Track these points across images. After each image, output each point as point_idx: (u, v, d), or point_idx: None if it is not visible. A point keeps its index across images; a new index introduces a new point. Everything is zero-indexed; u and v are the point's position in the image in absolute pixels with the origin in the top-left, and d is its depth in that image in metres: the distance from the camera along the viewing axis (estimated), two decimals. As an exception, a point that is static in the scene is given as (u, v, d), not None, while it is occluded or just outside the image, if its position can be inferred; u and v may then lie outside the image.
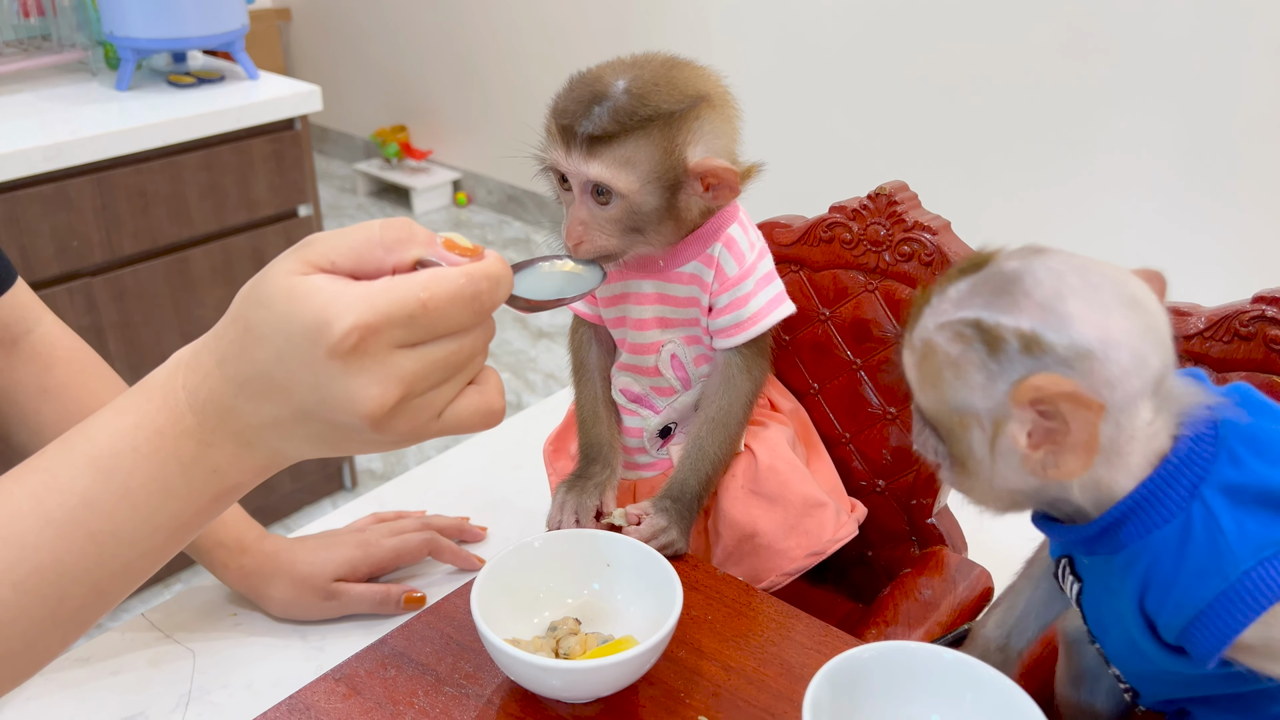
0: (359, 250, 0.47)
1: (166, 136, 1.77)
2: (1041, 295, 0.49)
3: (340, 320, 0.45)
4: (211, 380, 0.49)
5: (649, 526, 0.73)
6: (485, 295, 0.47)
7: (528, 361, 2.72)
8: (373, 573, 0.92)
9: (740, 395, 0.77)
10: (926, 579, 0.79)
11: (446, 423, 0.50)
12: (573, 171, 0.70)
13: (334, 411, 0.47)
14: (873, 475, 0.85)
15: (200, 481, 0.50)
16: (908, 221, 0.80)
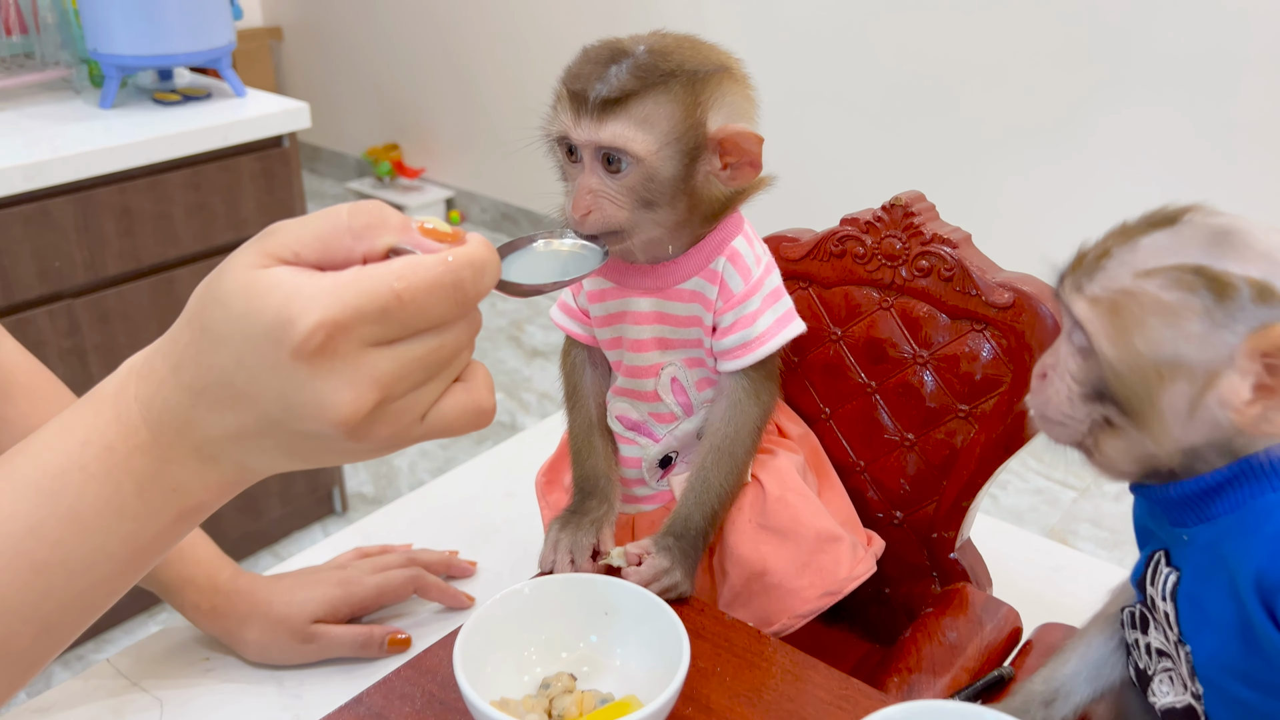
0: (325, 239, 0.41)
1: (150, 154, 1.71)
2: (1263, 247, 0.47)
3: (304, 317, 0.39)
4: (166, 389, 0.43)
5: (650, 568, 0.66)
6: (468, 284, 0.41)
7: (522, 381, 2.64)
8: (354, 613, 0.86)
9: (747, 422, 0.70)
10: (950, 619, 0.72)
11: (432, 425, 0.43)
12: (584, 139, 0.63)
13: (303, 420, 0.41)
14: (890, 506, 0.78)
15: (158, 502, 0.44)
16: (926, 234, 0.73)
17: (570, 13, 3.12)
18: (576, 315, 0.74)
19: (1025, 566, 0.95)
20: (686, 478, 0.71)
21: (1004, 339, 0.72)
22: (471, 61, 3.47)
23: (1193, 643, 0.52)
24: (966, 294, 0.72)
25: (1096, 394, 0.51)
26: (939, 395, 0.75)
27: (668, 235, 0.67)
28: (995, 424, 0.73)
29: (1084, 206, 2.30)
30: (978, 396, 0.73)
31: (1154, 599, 0.55)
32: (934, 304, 0.74)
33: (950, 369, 0.74)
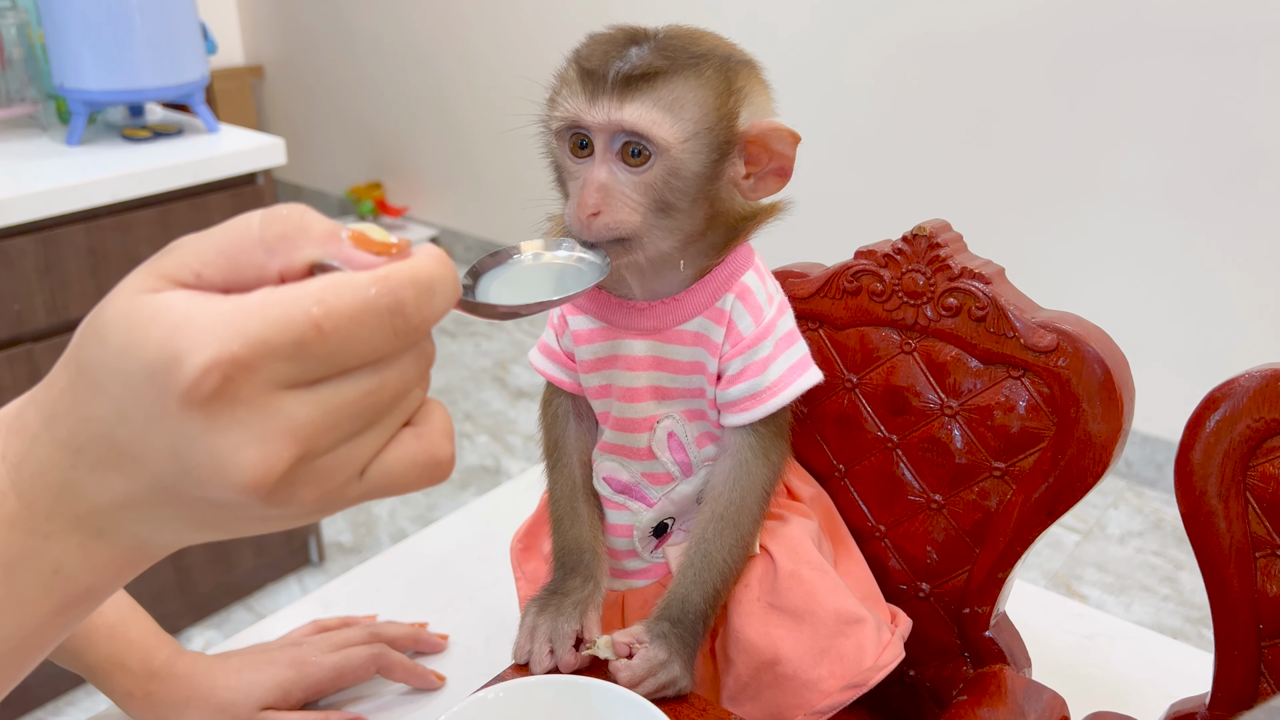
0: (231, 254, 0.32)
1: (117, 192, 1.62)
2: None
3: (195, 354, 0.30)
4: (40, 446, 0.33)
5: (644, 661, 0.55)
6: (410, 308, 0.32)
7: (507, 423, 2.53)
8: (309, 696, 0.76)
9: (754, 486, 0.59)
10: (989, 711, 0.61)
11: (373, 483, 0.34)
12: (600, 121, 0.53)
13: (203, 485, 0.31)
14: (914, 578, 0.68)
15: (34, 588, 0.34)
16: (954, 268, 0.63)
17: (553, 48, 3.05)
18: (560, 359, 0.63)
19: (1056, 634, 0.85)
20: (684, 550, 0.60)
21: (1045, 387, 0.62)
22: (455, 100, 3.40)
23: None
24: (1002, 336, 0.62)
25: None
26: (970, 451, 0.64)
27: (677, 252, 0.57)
28: (1035, 484, 0.62)
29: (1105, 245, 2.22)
30: (1015, 453, 0.63)
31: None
32: (963, 347, 0.64)
33: (983, 421, 0.64)
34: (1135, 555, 2.01)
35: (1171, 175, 2.08)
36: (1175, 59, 2.00)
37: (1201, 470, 0.58)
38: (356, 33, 3.59)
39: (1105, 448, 0.60)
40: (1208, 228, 2.06)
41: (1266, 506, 0.57)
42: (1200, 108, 2.00)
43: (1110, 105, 2.11)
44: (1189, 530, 0.59)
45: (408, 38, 3.45)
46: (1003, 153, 2.28)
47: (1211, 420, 0.57)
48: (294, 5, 3.72)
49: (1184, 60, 1.99)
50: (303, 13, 3.70)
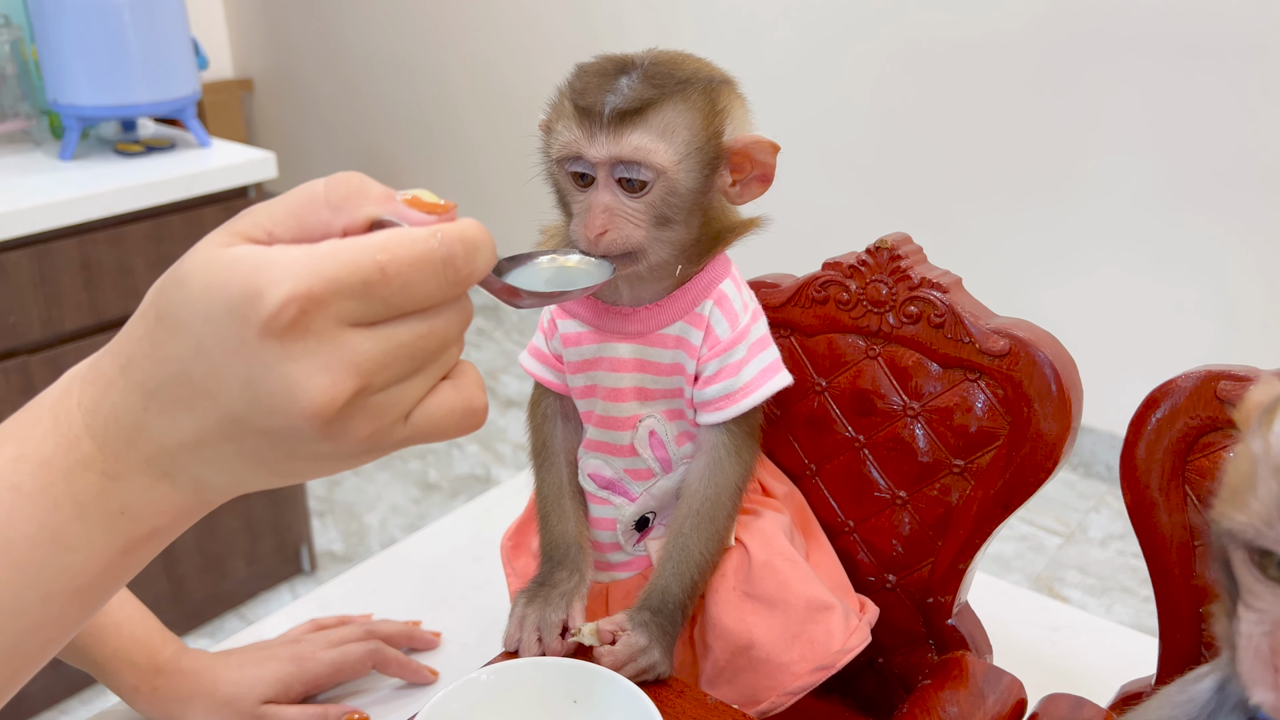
0: (300, 214, 0.36)
1: (111, 206, 1.66)
2: None
3: (275, 288, 0.33)
4: (115, 391, 0.37)
5: (626, 647, 0.60)
6: (460, 261, 0.36)
7: (497, 433, 2.57)
8: (308, 691, 0.80)
9: (728, 482, 0.64)
10: (950, 692, 0.66)
11: (417, 426, 0.38)
12: (601, 155, 0.58)
13: (271, 413, 0.35)
14: (881, 569, 0.72)
15: (103, 528, 0.37)
16: (914, 278, 0.68)
17: (540, 62, 3.10)
18: (549, 361, 0.68)
19: (1022, 628, 0.90)
20: (663, 544, 0.65)
21: (1000, 389, 0.66)
22: (445, 113, 3.44)
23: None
24: (959, 341, 0.67)
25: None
26: (932, 450, 0.69)
27: (675, 258, 0.62)
28: (993, 480, 0.67)
29: (1072, 250, 2.28)
30: (973, 450, 0.68)
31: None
32: (924, 352, 0.69)
33: (943, 421, 0.69)
34: (1116, 558, 2.06)
35: (1142, 184, 2.14)
36: (1148, 69, 2.06)
37: (1144, 465, 0.63)
38: (345, 46, 3.63)
39: (1056, 445, 0.65)
40: (1194, 233, 2.12)
41: (1203, 498, 0.62)
42: (1172, 118, 2.07)
43: (1084, 115, 2.17)
44: (1134, 522, 0.64)
45: (396, 51, 3.50)
46: (975, 163, 2.34)
47: (1153, 419, 0.62)
48: (283, 19, 3.76)
49: (1157, 70, 2.06)
50: (292, 27, 3.75)
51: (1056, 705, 0.67)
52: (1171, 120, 2.07)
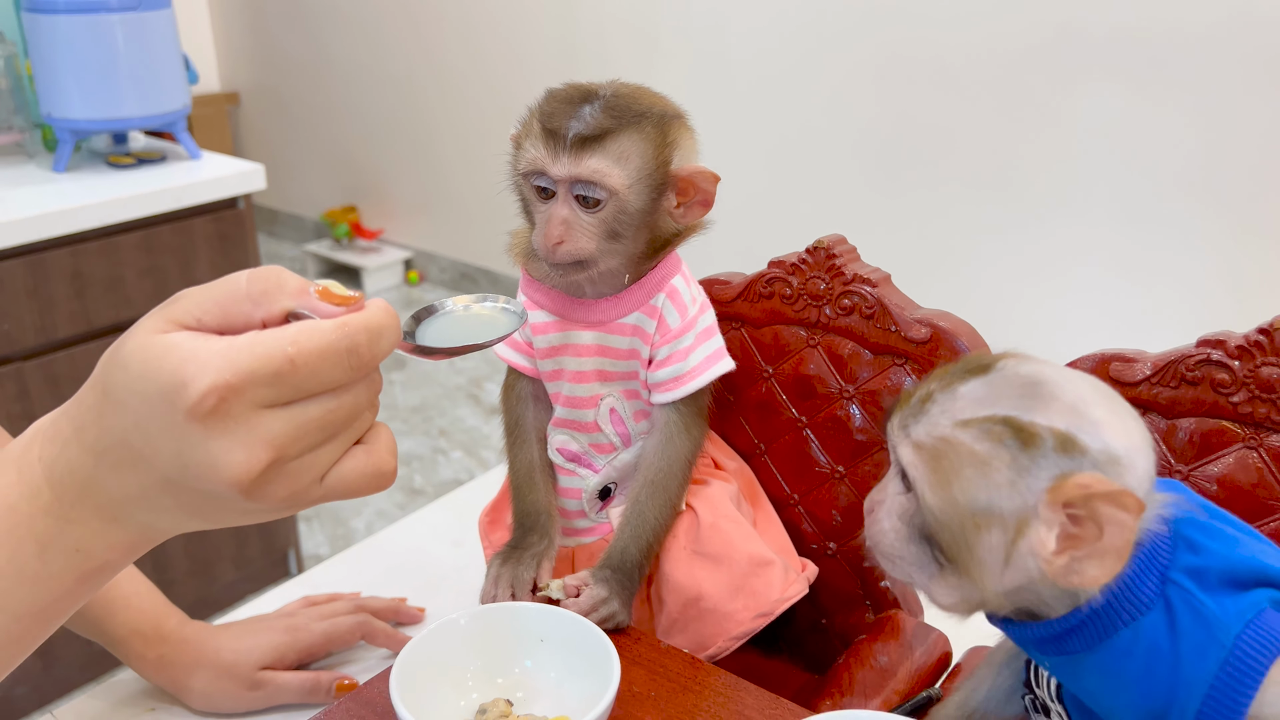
0: (224, 305, 0.43)
1: (104, 217, 1.74)
2: (1068, 399, 0.49)
3: (198, 380, 0.41)
4: (70, 450, 0.44)
5: (589, 599, 0.69)
6: (363, 348, 0.43)
7: (481, 439, 2.66)
8: (302, 659, 0.87)
9: (679, 455, 0.74)
10: (882, 645, 0.76)
11: (331, 487, 0.45)
12: (562, 174, 0.68)
13: (200, 480, 0.42)
14: (823, 538, 0.82)
15: (60, 563, 0.45)
16: (847, 275, 0.78)
17: (525, 76, 3.21)
18: (521, 348, 0.78)
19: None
20: (622, 511, 0.74)
21: (923, 372, 0.76)
22: (428, 124, 3.54)
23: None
24: (887, 330, 0.77)
25: (922, 536, 0.52)
26: (866, 428, 0.79)
27: (623, 266, 0.72)
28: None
29: (1003, 249, 2.41)
30: (901, 428, 0.77)
31: (1046, 702, 0.57)
32: (857, 341, 0.79)
33: (875, 402, 0.78)
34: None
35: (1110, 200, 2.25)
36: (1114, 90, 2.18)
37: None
38: (331, 60, 3.73)
39: (973, 422, 0.75)
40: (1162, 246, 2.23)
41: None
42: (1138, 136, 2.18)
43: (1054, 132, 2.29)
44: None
45: (382, 65, 3.60)
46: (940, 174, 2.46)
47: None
48: (269, 34, 3.86)
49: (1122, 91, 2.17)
50: (278, 42, 3.85)
51: (978, 656, 0.77)
52: (1137, 138, 2.19)
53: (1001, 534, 0.49)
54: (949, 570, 0.51)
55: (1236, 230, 2.13)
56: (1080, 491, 0.46)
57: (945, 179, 2.46)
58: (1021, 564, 0.49)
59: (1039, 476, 0.48)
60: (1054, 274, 2.36)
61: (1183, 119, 2.12)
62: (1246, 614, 0.47)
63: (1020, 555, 0.49)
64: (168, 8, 1.88)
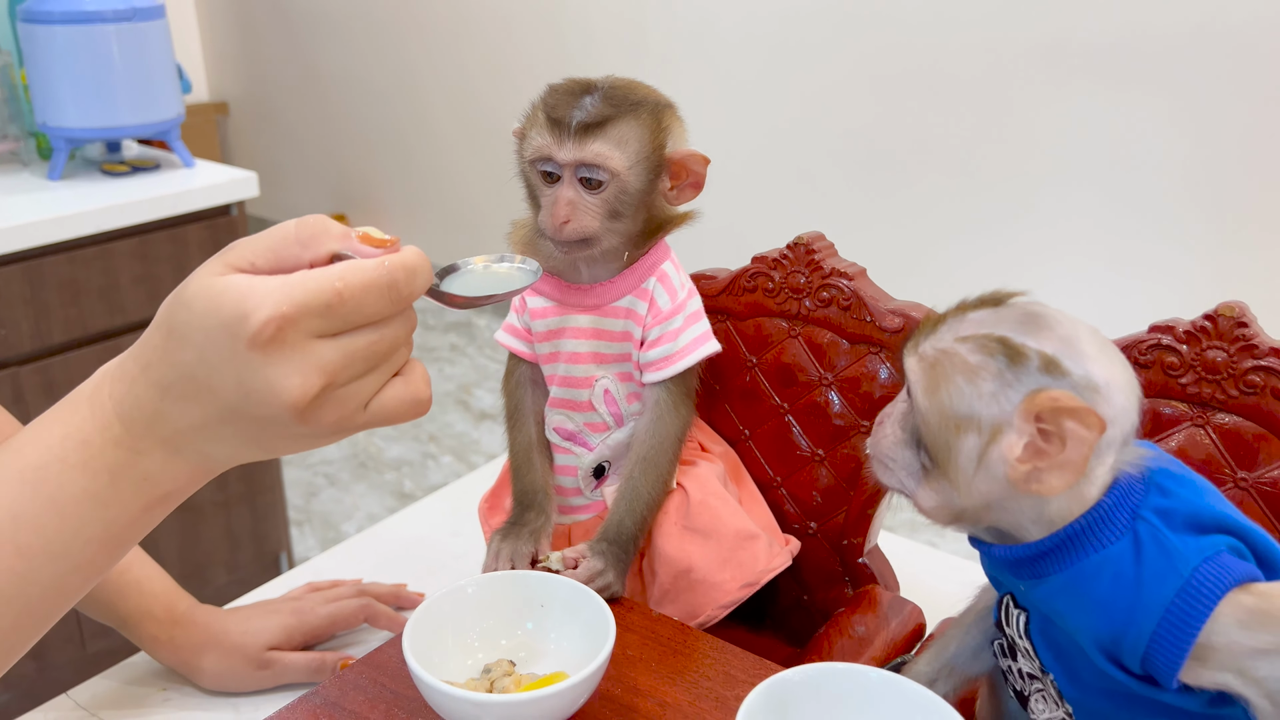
0: (276, 249, 0.49)
1: (99, 224, 1.77)
2: (1063, 332, 0.55)
3: (258, 311, 0.45)
4: (137, 387, 0.49)
5: (586, 570, 0.74)
6: (402, 284, 0.48)
7: (470, 444, 2.71)
8: (307, 641, 0.91)
9: (669, 433, 0.79)
10: (860, 617, 0.81)
11: (374, 414, 0.50)
12: (568, 158, 0.74)
13: (258, 405, 0.47)
14: (805, 518, 0.87)
15: (130, 491, 0.50)
16: (825, 269, 0.84)
17: (512, 84, 3.27)
18: (522, 335, 0.84)
19: (928, 571, 1.04)
20: (617, 487, 0.79)
21: (897, 360, 0.82)
22: (416, 132, 3.60)
23: (1053, 671, 0.60)
24: (863, 321, 0.83)
25: (914, 440, 0.58)
26: (844, 414, 0.85)
27: (622, 245, 0.78)
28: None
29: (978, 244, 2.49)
30: (877, 413, 0.83)
31: (1014, 638, 0.63)
32: (835, 331, 0.84)
33: (852, 389, 0.84)
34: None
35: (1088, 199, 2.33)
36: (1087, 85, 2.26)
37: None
38: (319, 70, 3.79)
39: (943, 406, 0.80)
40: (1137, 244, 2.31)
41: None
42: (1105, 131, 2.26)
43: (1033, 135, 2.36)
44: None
45: (370, 74, 3.65)
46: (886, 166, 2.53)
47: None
48: (258, 44, 3.91)
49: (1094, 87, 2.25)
50: (267, 51, 3.90)
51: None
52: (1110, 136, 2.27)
53: (977, 438, 0.55)
54: (933, 474, 0.57)
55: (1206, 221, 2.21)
56: (1050, 404, 0.52)
57: (920, 178, 2.54)
58: (992, 470, 0.54)
59: (1019, 390, 0.53)
60: (1026, 268, 2.45)
61: (1156, 116, 2.21)
62: (1205, 552, 0.52)
63: (991, 461, 0.54)
64: (162, 18, 1.92)
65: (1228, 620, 0.51)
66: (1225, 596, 0.51)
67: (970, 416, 0.55)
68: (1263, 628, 0.50)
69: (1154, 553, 0.53)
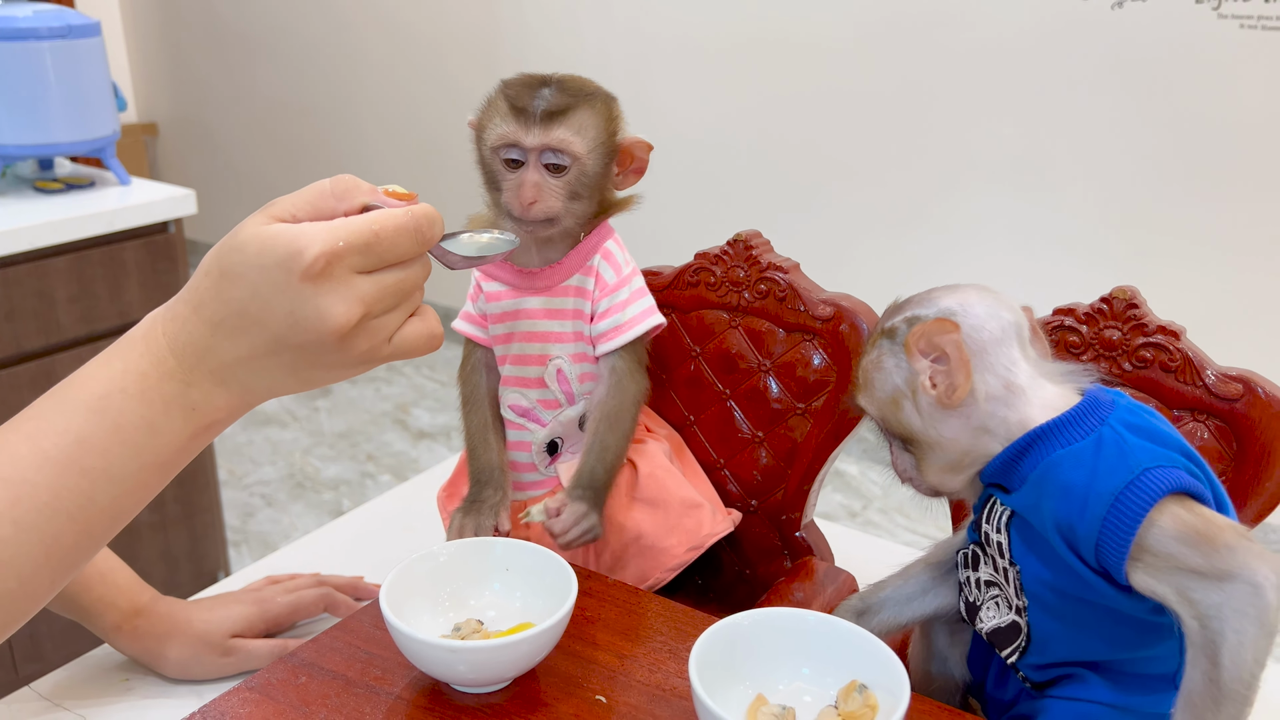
0: (314, 202, 0.57)
1: (32, 240, 1.78)
2: (919, 299, 0.68)
3: (310, 248, 0.54)
4: (190, 325, 0.57)
5: (572, 514, 0.81)
6: (425, 229, 0.57)
7: (409, 463, 2.74)
8: (269, 629, 0.94)
9: (629, 396, 0.87)
10: (799, 584, 0.88)
11: (397, 346, 0.59)
12: (534, 143, 0.81)
13: (305, 333, 0.55)
14: (747, 496, 0.95)
15: (180, 420, 0.57)
16: (763, 263, 0.92)
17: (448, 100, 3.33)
18: (477, 321, 0.91)
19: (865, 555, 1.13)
20: (585, 442, 0.87)
21: (829, 346, 0.90)
22: (349, 152, 3.63)
23: (1021, 564, 0.68)
24: (797, 311, 0.91)
25: (899, 443, 0.71)
26: (781, 398, 0.93)
27: (578, 226, 0.86)
28: (826, 418, 0.91)
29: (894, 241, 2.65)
30: (811, 395, 0.91)
31: (989, 534, 0.71)
32: (772, 320, 0.92)
33: (788, 374, 0.92)
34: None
35: (979, 182, 2.47)
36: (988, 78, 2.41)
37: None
38: (251, 90, 3.80)
39: (871, 387, 0.89)
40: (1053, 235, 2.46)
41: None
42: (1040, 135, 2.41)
43: (954, 139, 2.51)
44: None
45: (302, 93, 3.68)
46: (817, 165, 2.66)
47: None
48: (189, 64, 3.92)
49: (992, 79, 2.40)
50: (197, 71, 3.90)
51: (882, 593, 0.90)
52: (1022, 143, 2.42)
53: (908, 401, 0.68)
54: (916, 452, 0.69)
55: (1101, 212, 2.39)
56: (914, 334, 0.65)
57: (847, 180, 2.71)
58: (931, 411, 0.67)
59: (902, 350, 0.66)
60: (943, 260, 2.63)
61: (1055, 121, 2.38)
62: (1160, 459, 0.60)
63: (924, 406, 0.67)
64: (97, 35, 1.95)
65: (1168, 529, 0.58)
66: (1170, 497, 0.59)
67: (894, 390, 0.68)
68: (1196, 548, 0.57)
69: (1113, 451, 0.62)
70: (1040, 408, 0.66)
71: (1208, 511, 0.60)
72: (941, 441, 0.68)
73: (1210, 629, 0.56)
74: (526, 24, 3.10)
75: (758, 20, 2.69)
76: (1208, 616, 0.56)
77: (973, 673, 0.77)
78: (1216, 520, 0.59)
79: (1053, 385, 0.67)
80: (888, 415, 0.69)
